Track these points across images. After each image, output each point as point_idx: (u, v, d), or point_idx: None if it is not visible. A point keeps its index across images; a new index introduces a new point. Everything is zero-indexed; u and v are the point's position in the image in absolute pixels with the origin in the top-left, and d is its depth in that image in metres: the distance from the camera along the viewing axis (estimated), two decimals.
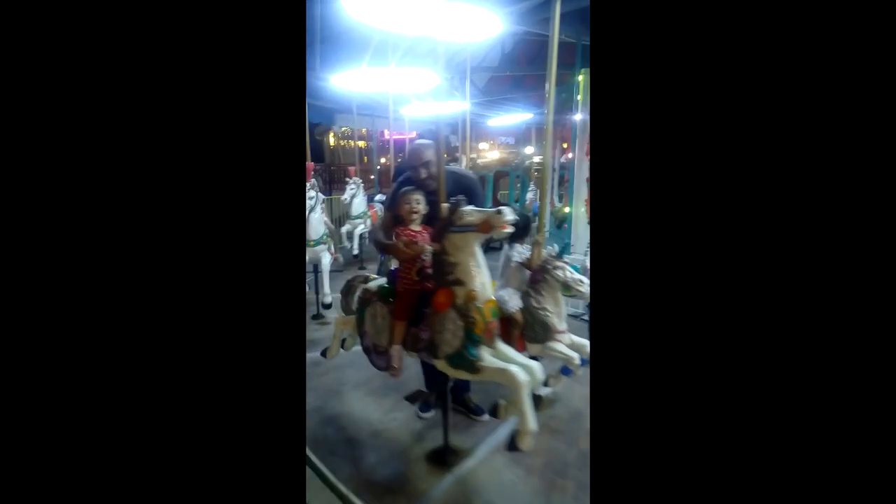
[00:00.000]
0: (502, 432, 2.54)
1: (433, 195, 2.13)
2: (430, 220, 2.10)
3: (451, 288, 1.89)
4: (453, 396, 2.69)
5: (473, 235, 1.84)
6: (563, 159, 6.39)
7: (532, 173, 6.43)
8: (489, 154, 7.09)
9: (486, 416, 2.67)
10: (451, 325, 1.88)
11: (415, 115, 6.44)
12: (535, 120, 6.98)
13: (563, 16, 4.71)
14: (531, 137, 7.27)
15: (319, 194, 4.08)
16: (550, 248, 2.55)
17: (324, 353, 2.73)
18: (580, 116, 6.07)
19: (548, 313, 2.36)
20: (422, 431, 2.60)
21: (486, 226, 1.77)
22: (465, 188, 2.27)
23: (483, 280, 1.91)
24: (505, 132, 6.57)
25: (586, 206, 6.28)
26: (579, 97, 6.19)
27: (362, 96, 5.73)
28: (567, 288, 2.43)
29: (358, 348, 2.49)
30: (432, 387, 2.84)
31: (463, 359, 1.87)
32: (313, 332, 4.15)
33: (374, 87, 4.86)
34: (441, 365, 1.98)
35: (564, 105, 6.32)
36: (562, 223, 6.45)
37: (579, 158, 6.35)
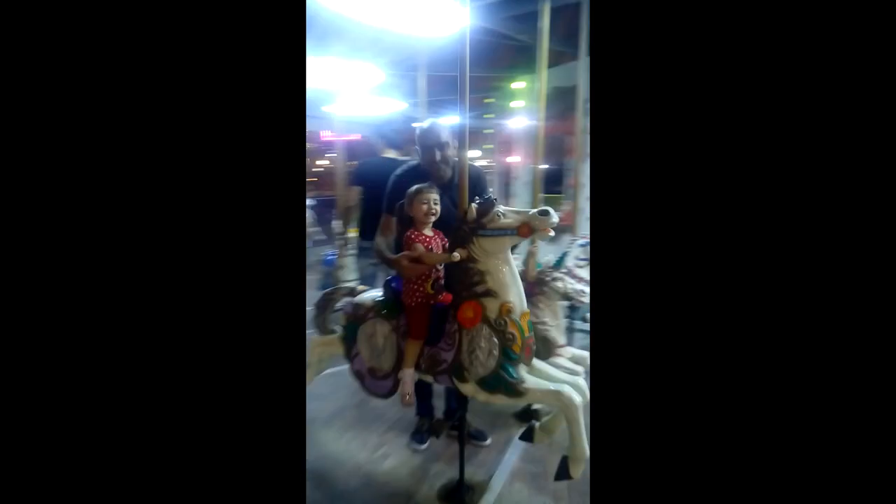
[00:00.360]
0: (511, 457, 2.27)
1: (443, 189, 1.82)
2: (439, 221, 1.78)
3: (479, 300, 1.61)
4: (449, 420, 2.36)
5: (509, 240, 1.57)
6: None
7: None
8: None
9: (488, 441, 2.39)
10: (484, 343, 1.59)
11: (342, 115, 5.97)
12: (469, 124, 6.91)
13: (522, 16, 4.72)
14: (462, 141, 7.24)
15: None
16: (546, 258, 2.39)
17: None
18: (523, 122, 6.15)
19: (547, 327, 2.19)
20: (423, 466, 2.23)
21: (525, 229, 1.51)
22: (477, 179, 1.99)
23: (519, 290, 1.64)
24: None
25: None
26: (520, 103, 6.29)
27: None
28: (568, 299, 2.29)
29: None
30: (425, 411, 2.49)
31: (501, 381, 1.59)
32: None
33: (311, 82, 4.44)
34: (470, 389, 1.67)
35: (501, 111, 6.36)
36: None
37: (523, 164, 6.42)
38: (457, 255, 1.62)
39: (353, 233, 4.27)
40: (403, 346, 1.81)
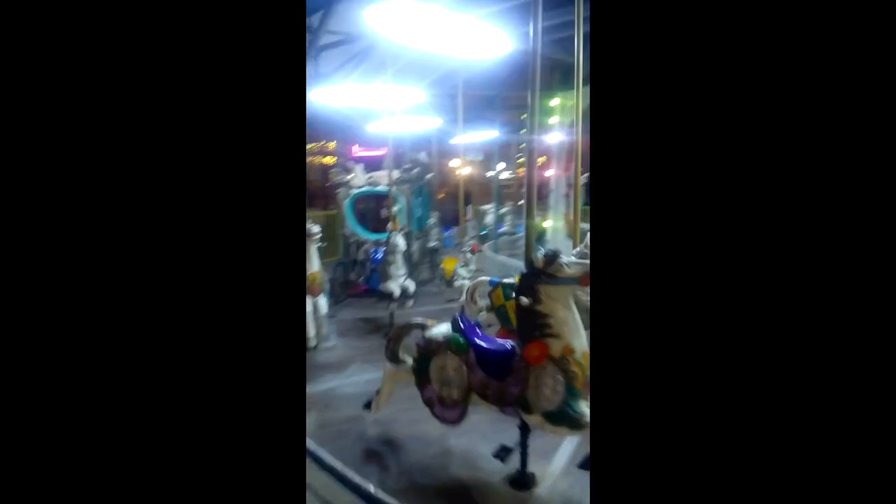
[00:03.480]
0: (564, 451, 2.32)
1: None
2: None
3: (544, 340, 1.73)
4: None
5: (571, 288, 1.71)
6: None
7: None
8: (461, 171, 7.05)
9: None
10: (549, 379, 1.71)
11: (384, 132, 6.17)
12: (500, 139, 6.94)
13: (561, 39, 4.77)
14: (496, 155, 7.28)
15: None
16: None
17: (367, 406, 2.41)
18: (557, 137, 6.18)
19: None
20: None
21: (588, 279, 1.63)
22: None
23: (580, 331, 1.75)
24: (473, 150, 6.45)
25: (565, 219, 6.37)
26: (554, 119, 6.31)
27: (326, 111, 5.35)
28: None
29: None
30: None
31: (565, 416, 1.70)
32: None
33: (354, 102, 4.64)
34: (535, 420, 1.79)
35: (540, 128, 6.38)
36: (540, 237, 6.45)
37: (556, 177, 6.45)
38: (525, 301, 1.74)
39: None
40: (471, 378, 1.93)
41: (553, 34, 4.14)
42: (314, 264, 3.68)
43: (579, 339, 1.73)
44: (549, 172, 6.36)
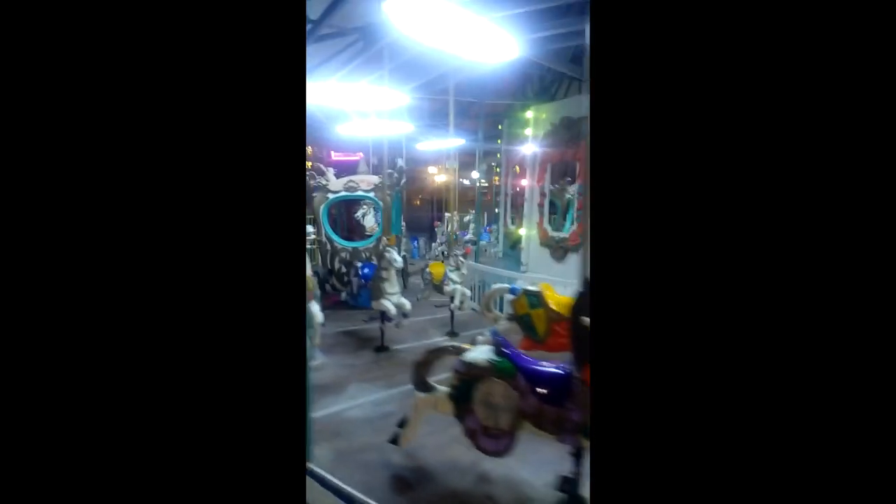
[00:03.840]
0: None
1: None
2: None
3: None
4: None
5: None
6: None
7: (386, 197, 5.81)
8: (437, 177, 7.01)
9: None
10: None
11: (355, 135, 5.81)
12: (466, 146, 6.97)
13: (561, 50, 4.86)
14: (477, 163, 7.32)
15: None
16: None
17: (395, 441, 2.23)
18: (531, 148, 6.30)
19: None
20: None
21: None
22: None
23: None
24: (449, 157, 6.49)
25: (538, 228, 6.51)
26: (528, 131, 6.44)
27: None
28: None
29: None
30: None
31: None
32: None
33: (329, 101, 4.45)
34: None
35: (514, 137, 6.51)
36: (515, 244, 6.54)
37: (530, 186, 6.58)
38: (587, 320, 1.68)
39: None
40: (522, 404, 1.83)
41: (554, 44, 4.21)
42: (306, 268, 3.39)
43: None
44: (524, 182, 6.47)
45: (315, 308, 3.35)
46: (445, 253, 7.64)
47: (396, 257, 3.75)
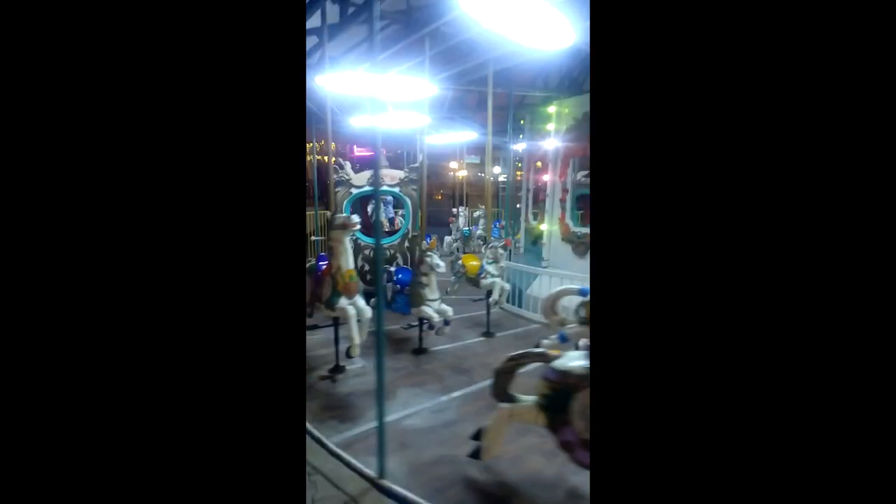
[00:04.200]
0: None
1: None
2: None
3: None
4: None
5: None
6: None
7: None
8: (459, 172, 6.90)
9: None
10: None
11: (366, 127, 5.68)
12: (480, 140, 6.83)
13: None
14: (498, 158, 7.17)
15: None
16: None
17: (475, 455, 2.09)
18: (553, 143, 6.17)
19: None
20: None
21: None
22: None
23: None
24: (472, 152, 6.42)
25: (560, 223, 6.40)
26: (550, 126, 6.30)
27: (384, 131, 5.03)
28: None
29: None
30: None
31: None
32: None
33: (385, 126, 4.54)
34: None
35: (537, 133, 6.37)
36: (537, 240, 6.42)
37: (552, 181, 6.45)
38: None
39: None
40: None
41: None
42: (350, 260, 3.17)
43: None
44: (546, 177, 6.34)
45: (361, 303, 3.17)
46: (460, 248, 7.50)
47: (438, 262, 3.58)
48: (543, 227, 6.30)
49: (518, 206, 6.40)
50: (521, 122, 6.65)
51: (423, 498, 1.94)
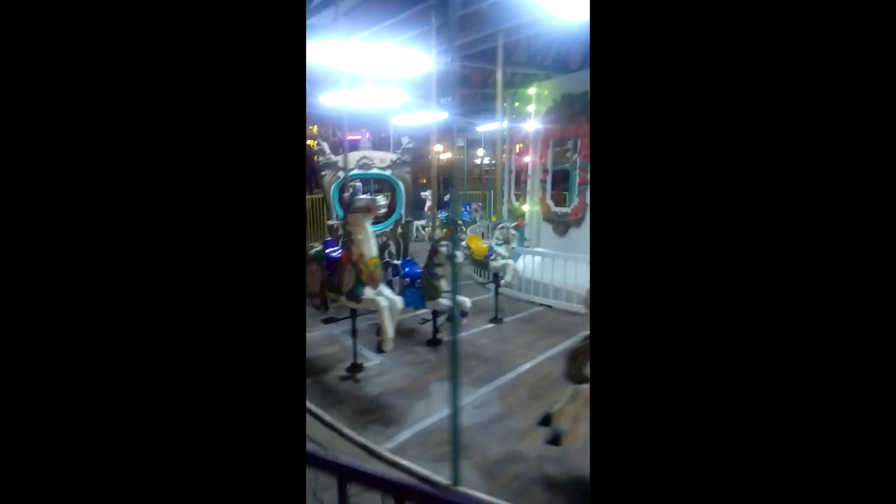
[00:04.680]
0: None
1: None
2: None
3: None
4: None
5: None
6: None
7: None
8: (443, 155, 6.73)
9: None
10: None
11: (403, 125, 6.14)
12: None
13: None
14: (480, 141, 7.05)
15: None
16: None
17: (555, 441, 2.01)
18: (534, 125, 6.12)
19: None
20: None
21: None
22: None
23: None
24: (455, 133, 6.42)
25: (541, 203, 6.45)
26: (531, 107, 6.23)
27: (352, 110, 4.85)
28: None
29: None
30: None
31: None
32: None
33: (356, 104, 4.47)
34: None
35: (519, 115, 6.27)
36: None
37: (533, 162, 6.43)
38: None
39: None
40: None
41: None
42: (373, 247, 2.90)
43: None
44: (527, 159, 6.32)
45: (389, 292, 2.95)
46: (431, 235, 7.34)
47: (455, 252, 3.42)
48: (525, 207, 6.32)
49: (502, 187, 6.36)
50: (504, 104, 6.50)
51: (507, 501, 1.88)
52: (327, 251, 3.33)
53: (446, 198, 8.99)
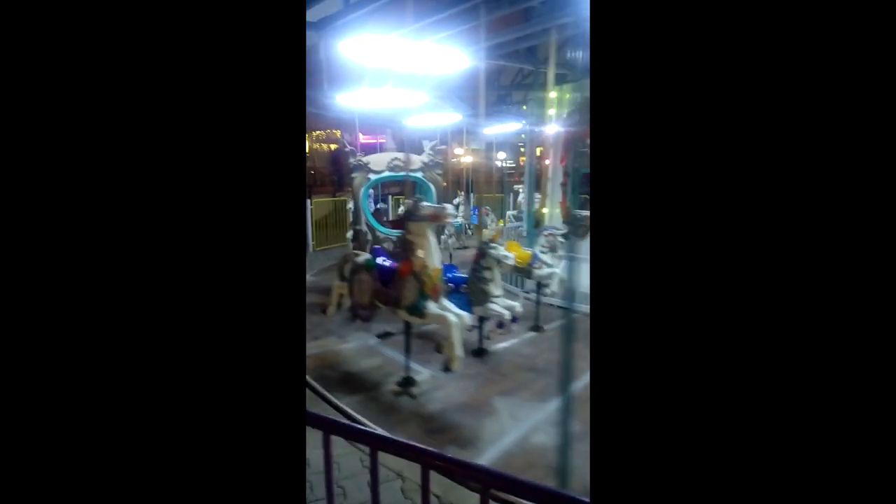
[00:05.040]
0: None
1: None
2: None
3: None
4: None
5: None
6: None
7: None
8: (463, 158, 6.67)
9: None
10: None
11: (417, 126, 5.79)
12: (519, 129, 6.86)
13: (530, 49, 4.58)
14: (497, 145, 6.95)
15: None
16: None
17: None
18: (554, 128, 6.04)
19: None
20: None
21: None
22: None
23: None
24: (477, 139, 6.39)
25: (561, 207, 6.37)
26: (552, 111, 6.14)
27: (364, 111, 4.80)
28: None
29: None
30: None
31: None
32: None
33: (374, 104, 4.44)
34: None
35: (539, 119, 6.18)
36: (538, 223, 6.36)
37: (554, 165, 6.35)
38: None
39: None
40: None
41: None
42: (437, 257, 2.71)
43: None
44: (548, 162, 6.23)
45: (454, 307, 2.78)
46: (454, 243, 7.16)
47: (506, 253, 3.27)
48: (545, 210, 6.23)
49: (519, 189, 6.28)
50: (524, 107, 6.43)
51: None
52: (378, 260, 3.14)
53: (455, 201, 8.85)
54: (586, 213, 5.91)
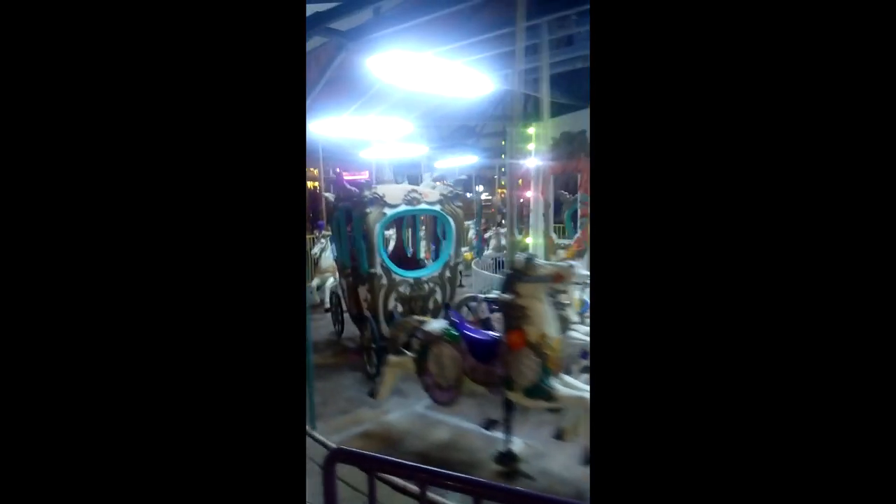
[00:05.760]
0: None
1: None
2: None
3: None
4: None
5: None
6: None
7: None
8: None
9: None
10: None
11: (374, 158, 5.67)
12: (478, 163, 6.83)
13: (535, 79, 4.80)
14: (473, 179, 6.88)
15: None
16: None
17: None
18: (534, 161, 6.10)
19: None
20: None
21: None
22: None
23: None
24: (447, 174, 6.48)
25: (545, 237, 6.38)
26: (531, 146, 6.21)
27: (326, 141, 4.49)
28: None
29: None
30: None
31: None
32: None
33: (350, 133, 4.56)
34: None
35: (518, 152, 6.19)
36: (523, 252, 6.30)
37: (535, 198, 6.35)
38: None
39: None
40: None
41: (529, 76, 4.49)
42: (555, 325, 2.23)
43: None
44: (529, 194, 6.24)
45: (578, 382, 2.29)
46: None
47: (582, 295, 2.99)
48: (528, 240, 6.22)
49: (502, 221, 6.19)
50: (503, 142, 6.44)
51: None
52: (465, 331, 2.53)
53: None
54: (568, 242, 6.08)
